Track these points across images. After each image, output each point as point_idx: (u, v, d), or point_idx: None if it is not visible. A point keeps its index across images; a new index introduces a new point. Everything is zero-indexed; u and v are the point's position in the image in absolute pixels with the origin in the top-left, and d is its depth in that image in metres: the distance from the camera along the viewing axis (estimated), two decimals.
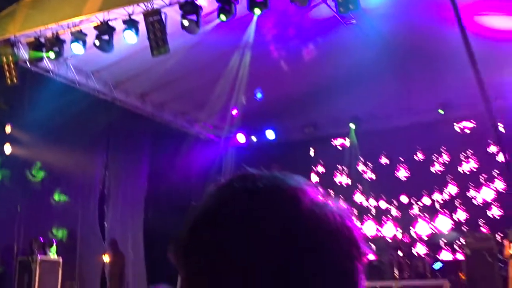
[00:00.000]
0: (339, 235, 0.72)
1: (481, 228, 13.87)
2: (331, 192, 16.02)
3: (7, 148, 11.86)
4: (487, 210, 14.22)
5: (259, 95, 15.37)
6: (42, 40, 11.45)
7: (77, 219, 13.66)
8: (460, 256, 13.41)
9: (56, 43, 11.32)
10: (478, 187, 14.47)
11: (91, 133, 13.30)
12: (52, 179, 12.90)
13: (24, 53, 11.89)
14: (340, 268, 0.71)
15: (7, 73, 11.67)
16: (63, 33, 11.27)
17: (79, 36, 11.08)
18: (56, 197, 12.89)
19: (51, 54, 11.34)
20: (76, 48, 11.21)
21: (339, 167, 16.33)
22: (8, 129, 11.95)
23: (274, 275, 0.68)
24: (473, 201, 14.49)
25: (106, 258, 14.01)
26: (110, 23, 10.82)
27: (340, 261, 0.72)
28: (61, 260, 12.42)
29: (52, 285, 12.10)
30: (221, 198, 0.76)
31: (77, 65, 12.46)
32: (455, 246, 14.07)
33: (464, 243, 12.94)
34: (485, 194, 14.37)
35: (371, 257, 14.89)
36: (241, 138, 16.29)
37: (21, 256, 12.12)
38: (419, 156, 15.28)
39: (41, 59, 11.62)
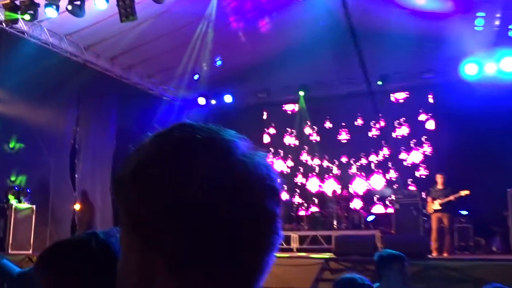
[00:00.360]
0: (264, 184, 0.72)
1: (409, 187, 14.21)
2: (281, 151, 16.31)
3: None
4: (415, 171, 14.58)
5: (218, 62, 15.31)
6: (18, 2, 11.09)
7: (49, 171, 13.49)
8: (390, 210, 13.68)
9: (30, 6, 10.93)
10: (408, 150, 14.77)
11: (63, 92, 12.98)
12: (27, 133, 12.62)
13: (0, 15, 11.51)
14: (266, 211, 0.71)
15: None
16: None
17: (52, 1, 10.74)
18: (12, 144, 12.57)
19: (26, 16, 10.98)
20: (50, 12, 10.87)
21: (288, 129, 16.39)
22: None
23: (202, 217, 0.67)
24: (404, 162, 14.80)
25: (77, 207, 13.94)
26: None
27: (265, 205, 0.71)
28: (34, 207, 12.30)
29: (26, 230, 11.99)
30: (161, 143, 0.74)
31: (51, 27, 12.11)
32: (386, 201, 14.41)
33: (394, 198, 13.24)
34: (414, 157, 14.70)
35: (314, 209, 15.25)
36: (201, 100, 16.21)
37: None
38: (359, 121, 15.44)
39: (16, 20, 11.23)
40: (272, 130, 16.66)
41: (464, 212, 12.49)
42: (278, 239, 0.73)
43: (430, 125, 14.62)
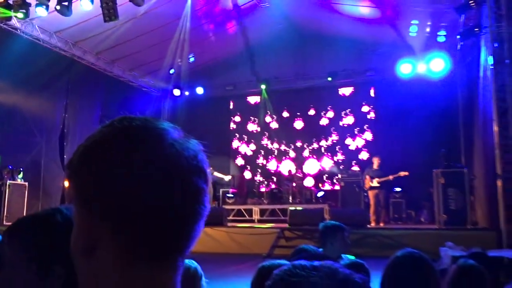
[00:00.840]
0: (191, 164, 0.72)
1: (353, 167, 14.37)
2: (245, 137, 16.33)
3: None
4: (358, 154, 14.73)
5: (191, 59, 15.18)
6: (11, 1, 10.73)
7: (41, 152, 13.24)
8: (337, 187, 13.84)
9: (23, 5, 10.58)
10: (353, 137, 14.90)
11: (53, 83, 12.76)
12: (21, 119, 12.35)
13: None
14: (193, 187, 0.71)
15: None
16: None
17: (42, 1, 10.45)
18: None
19: (19, 14, 10.66)
20: (40, 11, 10.56)
21: (252, 118, 16.36)
22: None
23: (138, 191, 0.68)
24: (349, 147, 14.94)
25: (66, 183, 13.73)
26: None
27: (193, 181, 0.72)
28: (27, 184, 12.09)
29: (19, 204, 11.81)
30: (104, 132, 0.73)
31: (42, 25, 11.77)
32: (334, 180, 14.57)
33: (340, 177, 13.38)
34: (358, 142, 14.85)
35: (273, 186, 15.36)
36: (176, 92, 16.05)
37: None
38: (311, 112, 15.49)
39: (9, 18, 10.91)
40: (237, 118, 16.61)
41: (398, 189, 12.71)
42: (205, 210, 0.74)
43: (371, 115, 14.82)
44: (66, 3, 10.27)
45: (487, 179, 8.92)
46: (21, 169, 12.25)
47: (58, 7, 10.27)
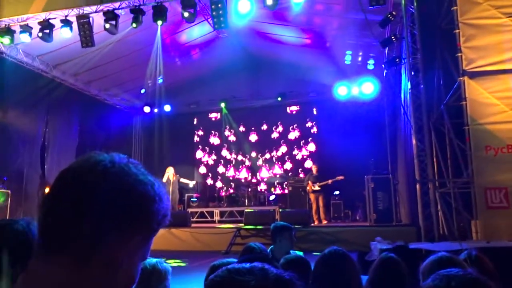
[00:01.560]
0: (145, 193, 0.74)
1: (300, 174, 14.52)
2: (207, 148, 16.26)
3: None
4: (304, 163, 14.89)
5: (160, 80, 15.05)
6: None
7: (23, 163, 12.74)
8: (286, 192, 13.90)
9: (8, 32, 10.27)
10: (299, 148, 15.05)
11: (35, 101, 12.34)
12: (6, 133, 11.84)
13: None
14: (146, 209, 0.73)
15: None
16: (14, 25, 10.27)
17: (26, 29, 10.14)
18: None
19: (5, 40, 10.32)
20: (24, 37, 10.26)
21: (213, 132, 16.28)
22: None
23: (100, 215, 0.69)
24: (296, 157, 15.08)
25: (46, 190, 13.24)
26: (50, 21, 10.00)
27: (146, 205, 0.73)
28: (9, 191, 11.60)
29: (2, 210, 11.31)
30: (65, 175, 0.75)
31: (25, 49, 11.42)
32: (283, 185, 14.64)
33: (288, 183, 13.53)
34: (303, 153, 15.03)
35: (231, 191, 15.33)
36: (147, 109, 15.81)
37: None
38: (264, 127, 15.56)
39: None
40: (200, 132, 16.48)
41: (337, 192, 12.97)
42: (157, 225, 0.76)
43: (314, 130, 15.07)
44: (47, 31, 10.01)
45: (408, 183, 9.27)
46: (5, 178, 11.75)
47: (40, 34, 10.00)
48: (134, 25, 9.59)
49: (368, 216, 9.63)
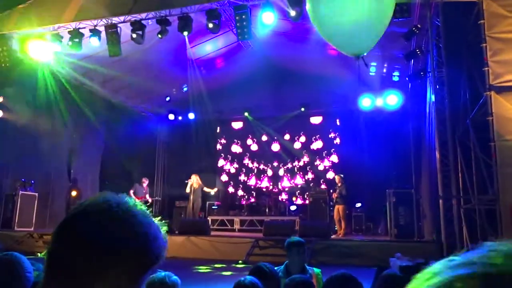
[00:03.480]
0: (146, 234, 0.79)
1: (322, 185, 14.35)
2: (229, 157, 16.34)
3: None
4: (326, 174, 14.80)
5: (185, 88, 15.29)
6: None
7: (51, 166, 13.13)
8: (307, 202, 13.71)
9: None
10: (321, 159, 14.99)
11: (63, 105, 12.70)
12: (34, 137, 12.23)
13: (16, 45, 11.13)
14: (147, 248, 0.78)
15: (2, 59, 10.92)
16: (46, 34, 10.64)
17: (57, 38, 10.50)
18: None
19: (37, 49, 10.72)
20: (55, 46, 10.64)
21: (235, 140, 16.33)
22: (0, 99, 11.21)
23: (105, 253, 0.75)
24: (318, 167, 15.01)
25: (73, 193, 13.60)
26: (80, 30, 10.34)
27: (147, 245, 0.78)
28: (36, 194, 11.95)
29: (29, 212, 11.66)
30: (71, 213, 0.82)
31: (56, 57, 11.78)
32: (304, 196, 14.51)
33: (309, 194, 13.38)
34: (326, 163, 14.96)
35: (252, 200, 15.33)
36: (171, 116, 16.08)
37: (8, 191, 11.55)
38: (287, 136, 15.54)
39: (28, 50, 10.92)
40: (223, 141, 16.57)
41: (359, 204, 12.83)
42: (157, 259, 0.81)
43: (337, 141, 14.96)
44: (77, 40, 10.34)
45: (431, 198, 9.08)
46: (32, 181, 12.11)
47: (70, 43, 10.33)
48: (160, 35, 9.80)
49: (389, 230, 9.45)
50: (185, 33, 9.82)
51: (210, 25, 9.44)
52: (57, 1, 10.37)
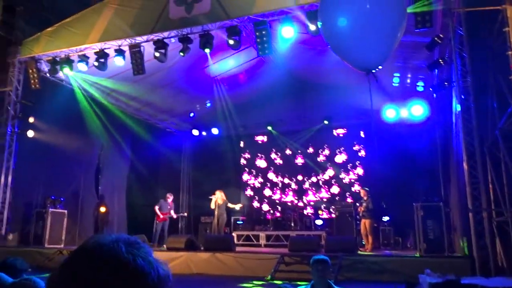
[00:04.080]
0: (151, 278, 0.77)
1: (347, 199, 14.20)
2: (254, 171, 16.33)
3: (30, 133, 11.53)
4: (351, 187, 14.57)
5: (208, 104, 15.47)
6: (58, 59, 11.18)
7: (79, 184, 13.42)
8: (333, 216, 13.63)
9: (67, 61, 11.06)
10: (346, 172, 14.79)
11: (90, 124, 13.01)
12: (63, 156, 12.53)
13: (45, 67, 11.58)
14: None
15: (32, 81, 11.36)
16: (73, 55, 11.03)
17: (83, 58, 10.86)
18: None
19: (66, 70, 11.13)
20: (81, 66, 11.00)
21: (259, 154, 16.32)
22: (31, 119, 11.60)
23: None
24: (343, 181, 14.80)
25: (102, 209, 13.86)
26: (105, 50, 10.67)
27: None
28: (66, 212, 12.21)
29: (59, 229, 11.90)
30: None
31: (82, 77, 12.15)
32: (330, 210, 14.36)
33: (335, 208, 13.24)
34: (351, 176, 14.74)
35: (278, 214, 15.24)
36: (195, 132, 16.28)
37: (38, 208, 11.84)
38: (310, 150, 15.42)
39: (57, 71, 11.33)
40: (247, 155, 16.58)
41: (386, 218, 12.58)
42: None
43: (362, 153, 14.77)
44: (102, 60, 10.67)
45: (461, 211, 8.81)
46: (62, 199, 12.39)
47: (96, 63, 10.66)
48: (182, 53, 9.99)
49: (418, 245, 9.20)
50: (207, 50, 9.98)
51: (231, 42, 9.57)
52: (83, 23, 10.75)
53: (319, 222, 14.02)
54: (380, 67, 4.34)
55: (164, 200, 12.77)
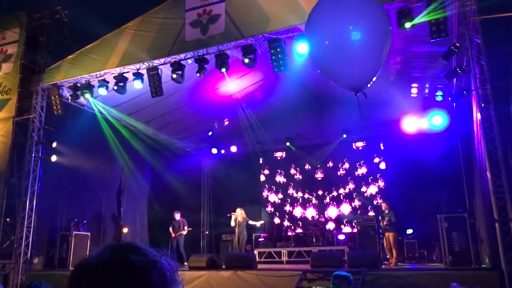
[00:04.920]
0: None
1: (369, 212, 14.07)
2: (273, 187, 16.32)
3: (53, 158, 11.81)
4: (373, 200, 14.46)
5: (226, 122, 15.60)
6: (79, 85, 11.50)
7: (101, 205, 13.62)
8: (355, 230, 13.44)
9: (88, 87, 11.36)
10: (367, 185, 14.66)
11: (111, 147, 13.26)
12: (85, 178, 12.77)
13: (66, 93, 11.90)
14: None
15: (54, 107, 11.68)
16: (93, 81, 11.33)
17: (103, 83, 11.14)
18: None
19: (86, 95, 11.41)
20: (102, 91, 11.26)
21: (279, 170, 16.35)
22: (54, 144, 11.89)
23: None
24: (364, 194, 14.68)
25: (125, 230, 14.01)
26: (124, 74, 10.92)
27: None
28: (89, 234, 12.37)
29: (83, 251, 12.04)
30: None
31: (103, 101, 12.44)
32: (352, 224, 14.14)
33: (357, 222, 13.08)
34: (372, 189, 14.61)
35: (299, 230, 15.14)
36: (214, 150, 16.41)
37: (62, 231, 12.04)
38: (330, 164, 15.39)
39: (78, 97, 11.63)
40: (266, 171, 16.62)
41: (410, 231, 12.36)
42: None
43: (382, 166, 14.62)
44: (121, 84, 10.92)
45: (487, 222, 8.61)
46: (85, 221, 12.58)
47: (115, 87, 10.93)
48: (198, 74, 10.17)
49: (443, 258, 9.00)
50: (223, 70, 10.12)
51: (246, 60, 9.70)
52: (103, 49, 11.07)
53: (341, 236, 13.84)
54: (369, 85, 4.34)
55: (174, 220, 12.90)
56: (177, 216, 12.98)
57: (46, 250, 12.07)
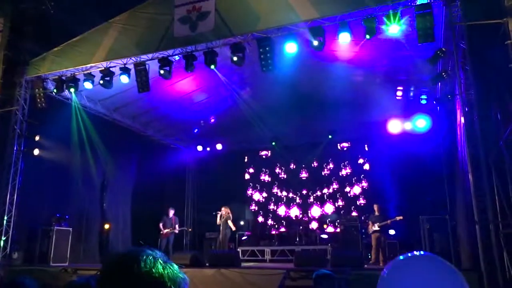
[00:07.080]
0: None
1: (352, 213, 14.19)
2: (258, 186, 16.31)
3: (36, 151, 11.58)
4: (356, 201, 14.58)
5: (212, 120, 15.51)
6: (64, 78, 11.29)
7: (84, 201, 13.41)
8: (338, 230, 13.53)
9: (73, 80, 11.17)
10: (351, 185, 14.80)
11: (96, 142, 13.06)
12: (68, 173, 12.55)
13: (51, 86, 11.67)
14: None
15: (38, 100, 11.45)
16: (79, 74, 11.15)
17: (89, 77, 10.97)
18: None
19: (71, 89, 11.22)
20: (87, 85, 11.09)
21: (263, 169, 16.39)
22: (37, 138, 11.66)
23: None
24: (348, 194, 14.80)
25: (106, 226, 13.83)
26: (110, 69, 10.77)
27: None
28: (71, 229, 12.17)
29: (64, 247, 11.86)
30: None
31: (88, 95, 12.28)
32: (335, 224, 14.33)
33: (340, 221, 13.17)
34: (355, 190, 14.75)
35: (283, 229, 15.17)
36: (199, 148, 16.32)
37: (44, 226, 11.82)
38: (315, 164, 15.49)
39: (63, 90, 11.42)
40: (251, 170, 16.63)
41: (392, 232, 12.48)
42: None
43: (366, 166, 14.76)
44: (108, 78, 10.77)
45: (468, 224, 8.74)
46: (67, 216, 12.37)
47: (101, 82, 10.76)
48: (187, 70, 10.07)
49: None
50: (212, 67, 10.05)
51: (235, 58, 9.65)
52: (89, 43, 10.89)
53: (324, 236, 13.90)
54: None
55: (166, 216, 12.73)
56: (171, 212, 12.80)
57: (26, 245, 11.82)
